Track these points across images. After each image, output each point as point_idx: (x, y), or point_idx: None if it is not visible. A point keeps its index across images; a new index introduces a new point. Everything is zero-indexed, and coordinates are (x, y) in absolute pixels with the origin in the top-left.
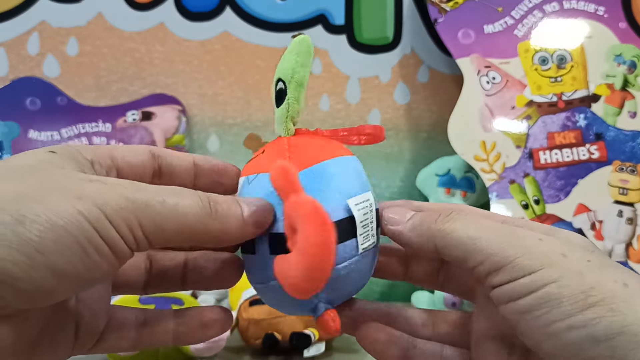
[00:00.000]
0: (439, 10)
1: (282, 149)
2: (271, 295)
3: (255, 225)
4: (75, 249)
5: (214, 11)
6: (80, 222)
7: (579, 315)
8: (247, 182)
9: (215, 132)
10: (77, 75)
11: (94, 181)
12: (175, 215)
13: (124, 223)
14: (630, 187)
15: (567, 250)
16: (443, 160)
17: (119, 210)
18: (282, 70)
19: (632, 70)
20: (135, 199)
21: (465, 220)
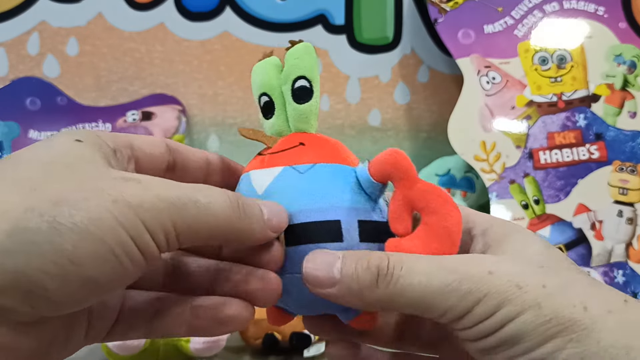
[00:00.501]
0: (439, 10)
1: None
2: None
3: (274, 229)
4: (110, 259)
5: (214, 11)
6: (117, 231)
7: (540, 349)
8: (240, 182)
9: (215, 132)
10: (77, 75)
11: (129, 180)
12: (207, 215)
13: (160, 227)
14: (630, 187)
15: (520, 278)
16: (443, 160)
17: (155, 213)
18: (305, 70)
19: (632, 70)
20: (172, 200)
21: (409, 276)
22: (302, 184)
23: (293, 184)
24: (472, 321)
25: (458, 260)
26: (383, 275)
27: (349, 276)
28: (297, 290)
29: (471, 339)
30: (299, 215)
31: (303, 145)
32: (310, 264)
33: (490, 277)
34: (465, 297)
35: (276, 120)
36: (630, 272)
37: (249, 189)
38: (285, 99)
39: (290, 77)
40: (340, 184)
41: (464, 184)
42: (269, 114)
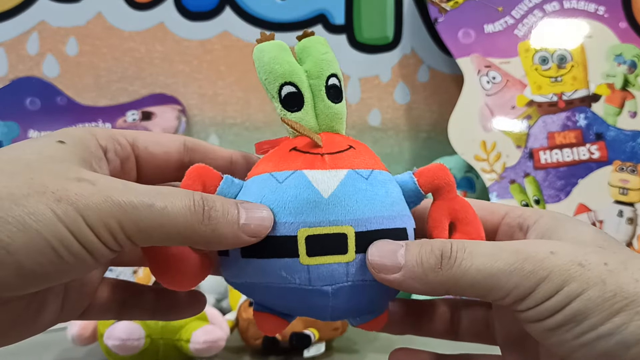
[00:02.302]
0: (439, 10)
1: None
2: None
3: (250, 234)
4: (47, 252)
5: (213, 11)
6: (55, 225)
7: (607, 324)
8: (277, 182)
9: (215, 132)
10: (77, 75)
11: (82, 181)
12: (162, 219)
13: (104, 227)
14: (630, 187)
15: (582, 257)
16: (443, 160)
17: (99, 213)
18: (336, 67)
19: (632, 70)
20: (121, 202)
21: (472, 258)
22: (369, 191)
23: (361, 189)
24: (537, 300)
25: (519, 244)
26: (447, 257)
27: (413, 260)
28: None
29: (536, 320)
30: (372, 222)
31: (353, 148)
32: (375, 252)
33: (552, 257)
34: (528, 276)
35: (304, 115)
36: None
37: (310, 190)
38: (314, 94)
39: (324, 73)
40: (398, 192)
41: (464, 183)
42: (295, 106)
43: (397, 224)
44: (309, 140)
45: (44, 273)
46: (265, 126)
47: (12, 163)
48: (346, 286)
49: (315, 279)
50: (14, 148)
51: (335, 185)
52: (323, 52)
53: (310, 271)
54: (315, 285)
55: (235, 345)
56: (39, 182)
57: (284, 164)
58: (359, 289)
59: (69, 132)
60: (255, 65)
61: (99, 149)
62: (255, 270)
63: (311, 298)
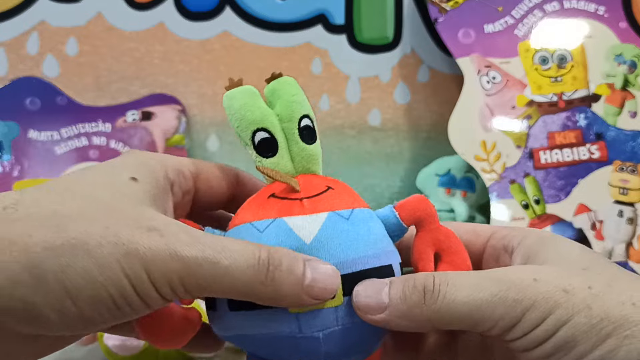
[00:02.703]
0: (439, 10)
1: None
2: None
3: (313, 297)
4: (108, 304)
5: (213, 11)
6: (121, 282)
7: (596, 351)
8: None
9: (215, 132)
10: (77, 75)
11: (152, 231)
12: (224, 277)
13: (166, 282)
14: (630, 187)
15: (566, 282)
16: (443, 160)
17: (164, 269)
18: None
19: (632, 70)
20: (186, 258)
21: (455, 291)
22: (351, 231)
23: (343, 230)
24: (524, 330)
25: (501, 272)
26: (430, 292)
27: (397, 298)
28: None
29: (525, 349)
30: (357, 263)
31: (332, 189)
32: (361, 293)
33: (535, 284)
34: (513, 305)
35: (279, 160)
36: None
37: (291, 238)
38: (288, 138)
39: (295, 115)
40: (380, 229)
41: (464, 184)
42: (269, 152)
43: (382, 261)
44: (287, 185)
45: (101, 321)
46: None
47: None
48: (337, 330)
49: (305, 326)
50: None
51: (317, 230)
52: (293, 93)
53: (299, 319)
54: (305, 333)
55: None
56: (113, 232)
57: (263, 212)
58: (349, 331)
59: (142, 163)
60: (226, 113)
61: (167, 183)
62: (244, 323)
63: (303, 345)
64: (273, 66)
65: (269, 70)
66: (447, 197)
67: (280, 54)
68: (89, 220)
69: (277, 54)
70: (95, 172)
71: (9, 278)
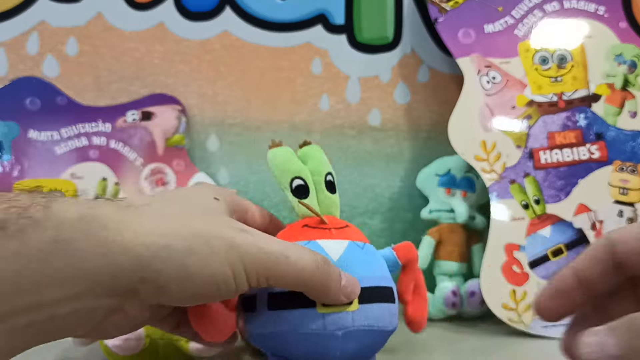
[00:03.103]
0: (439, 10)
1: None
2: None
3: (346, 295)
4: (213, 286)
5: (213, 11)
6: (225, 269)
7: None
8: None
9: (215, 132)
10: (77, 75)
11: (243, 232)
12: (294, 269)
13: (254, 272)
14: (630, 187)
15: None
16: (443, 160)
17: (253, 261)
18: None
19: (632, 69)
20: (269, 253)
21: None
22: (365, 257)
23: (359, 256)
24: None
25: None
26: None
27: (627, 348)
28: (365, 339)
29: None
30: (369, 280)
31: (349, 227)
32: (585, 349)
33: None
34: None
35: (310, 202)
36: None
37: (323, 255)
38: (316, 187)
39: (323, 172)
40: (382, 260)
41: (464, 184)
42: (303, 195)
43: (386, 283)
44: (316, 219)
45: (207, 298)
46: (265, 126)
47: (196, 210)
48: (352, 330)
49: (329, 324)
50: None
51: (342, 252)
52: (321, 156)
53: (325, 318)
54: (328, 330)
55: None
56: (218, 229)
57: (300, 236)
58: (361, 333)
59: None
60: (269, 164)
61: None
62: (280, 320)
63: (325, 341)
64: (273, 66)
65: (269, 70)
66: (448, 197)
67: (280, 54)
68: (200, 221)
69: (277, 54)
70: (189, 191)
71: (150, 254)
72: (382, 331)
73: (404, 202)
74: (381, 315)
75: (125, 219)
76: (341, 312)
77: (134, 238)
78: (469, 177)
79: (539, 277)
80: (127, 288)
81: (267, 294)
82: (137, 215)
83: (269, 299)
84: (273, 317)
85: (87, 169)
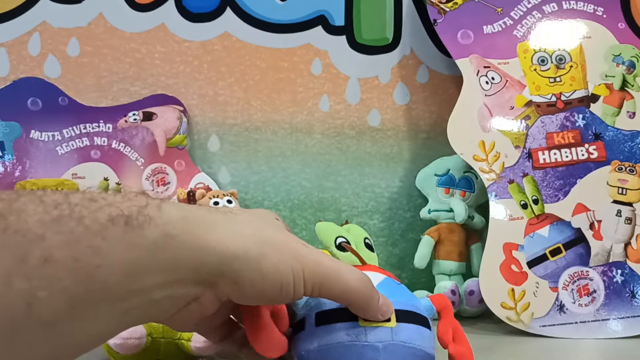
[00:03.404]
0: (438, 11)
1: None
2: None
3: (382, 313)
4: (276, 290)
5: (214, 12)
6: (288, 277)
7: None
8: None
9: (215, 133)
10: (78, 75)
11: (306, 246)
12: (342, 284)
13: (311, 282)
14: (629, 186)
15: None
16: (442, 160)
17: (312, 273)
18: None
19: (631, 70)
20: (324, 267)
21: None
22: (400, 289)
23: (395, 286)
24: None
25: None
26: None
27: None
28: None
29: None
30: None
31: (383, 269)
32: None
33: None
34: None
35: (349, 255)
36: (628, 271)
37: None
38: (357, 245)
39: (362, 236)
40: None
41: (463, 183)
42: (344, 250)
43: (421, 312)
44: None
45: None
46: (265, 126)
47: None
48: (391, 344)
49: (370, 336)
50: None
51: (379, 281)
52: (359, 230)
53: (366, 331)
54: (370, 342)
55: None
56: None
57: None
58: (400, 348)
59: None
60: (317, 231)
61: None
62: (326, 333)
63: (366, 352)
64: (273, 67)
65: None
66: (446, 197)
67: (281, 55)
68: (271, 231)
69: (277, 54)
70: (254, 212)
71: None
72: (420, 350)
73: (403, 202)
74: (417, 336)
75: (215, 221)
76: (380, 327)
77: (220, 239)
78: (468, 177)
79: (537, 277)
80: (208, 280)
81: (314, 314)
82: (224, 220)
83: (317, 317)
84: (320, 331)
85: (89, 169)
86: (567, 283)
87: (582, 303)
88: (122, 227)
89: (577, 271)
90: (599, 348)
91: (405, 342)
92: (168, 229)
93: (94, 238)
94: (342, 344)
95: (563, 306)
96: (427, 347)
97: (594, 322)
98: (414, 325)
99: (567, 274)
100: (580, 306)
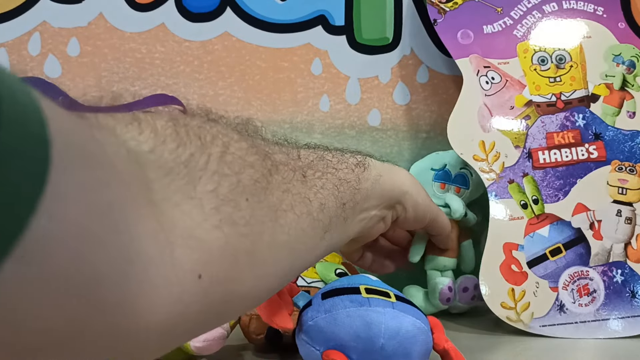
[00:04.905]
0: (438, 11)
1: None
2: None
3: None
4: (422, 215)
5: (214, 12)
6: (426, 207)
7: None
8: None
9: None
10: (79, 75)
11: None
12: (443, 220)
13: (429, 215)
14: (629, 186)
15: None
16: (438, 154)
17: (432, 211)
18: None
19: (631, 70)
20: (437, 208)
21: None
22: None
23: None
24: None
25: None
26: None
27: None
28: (404, 324)
29: None
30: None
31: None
32: None
33: None
34: None
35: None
36: (629, 271)
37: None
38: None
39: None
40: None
41: (459, 180)
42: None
43: (426, 326)
44: None
45: (418, 225)
46: (265, 126)
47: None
48: (393, 311)
49: (373, 303)
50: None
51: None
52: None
53: (370, 300)
54: (372, 306)
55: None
56: (424, 190)
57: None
58: (401, 317)
59: None
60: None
61: None
62: (332, 303)
63: (370, 315)
64: (273, 67)
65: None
66: (442, 192)
67: (281, 55)
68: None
69: (277, 54)
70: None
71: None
72: (418, 322)
73: None
74: (415, 312)
75: (393, 169)
76: (382, 299)
77: (400, 180)
78: (463, 174)
79: (537, 276)
80: (391, 206)
81: (320, 294)
82: (399, 169)
83: (323, 294)
84: (327, 303)
85: None
86: (567, 283)
87: (582, 303)
88: (362, 168)
89: (577, 271)
90: (599, 348)
91: (405, 312)
92: (379, 172)
93: (352, 173)
94: (348, 309)
95: (563, 306)
96: (424, 323)
97: (594, 322)
98: (411, 307)
99: (567, 274)
100: (580, 306)
